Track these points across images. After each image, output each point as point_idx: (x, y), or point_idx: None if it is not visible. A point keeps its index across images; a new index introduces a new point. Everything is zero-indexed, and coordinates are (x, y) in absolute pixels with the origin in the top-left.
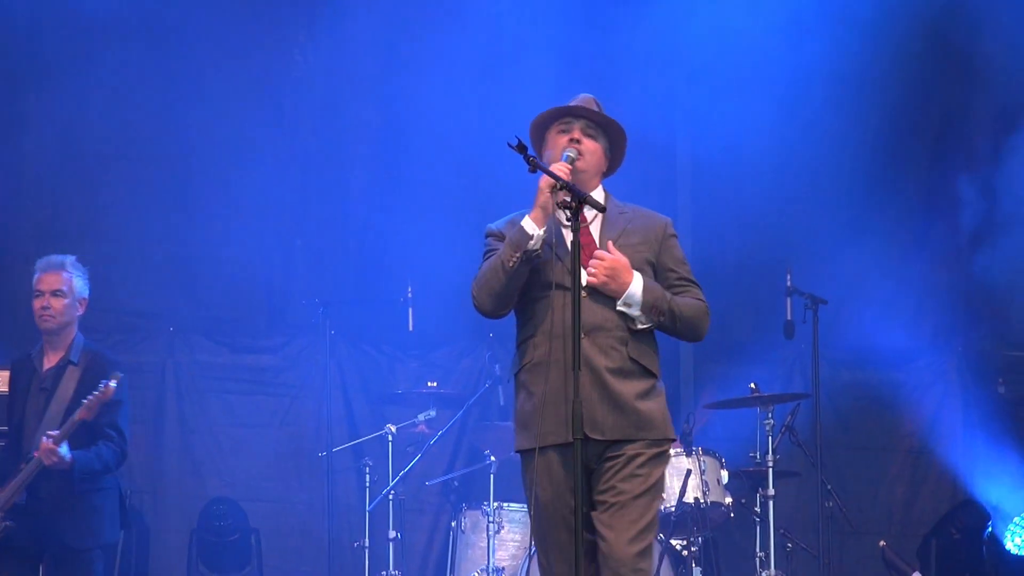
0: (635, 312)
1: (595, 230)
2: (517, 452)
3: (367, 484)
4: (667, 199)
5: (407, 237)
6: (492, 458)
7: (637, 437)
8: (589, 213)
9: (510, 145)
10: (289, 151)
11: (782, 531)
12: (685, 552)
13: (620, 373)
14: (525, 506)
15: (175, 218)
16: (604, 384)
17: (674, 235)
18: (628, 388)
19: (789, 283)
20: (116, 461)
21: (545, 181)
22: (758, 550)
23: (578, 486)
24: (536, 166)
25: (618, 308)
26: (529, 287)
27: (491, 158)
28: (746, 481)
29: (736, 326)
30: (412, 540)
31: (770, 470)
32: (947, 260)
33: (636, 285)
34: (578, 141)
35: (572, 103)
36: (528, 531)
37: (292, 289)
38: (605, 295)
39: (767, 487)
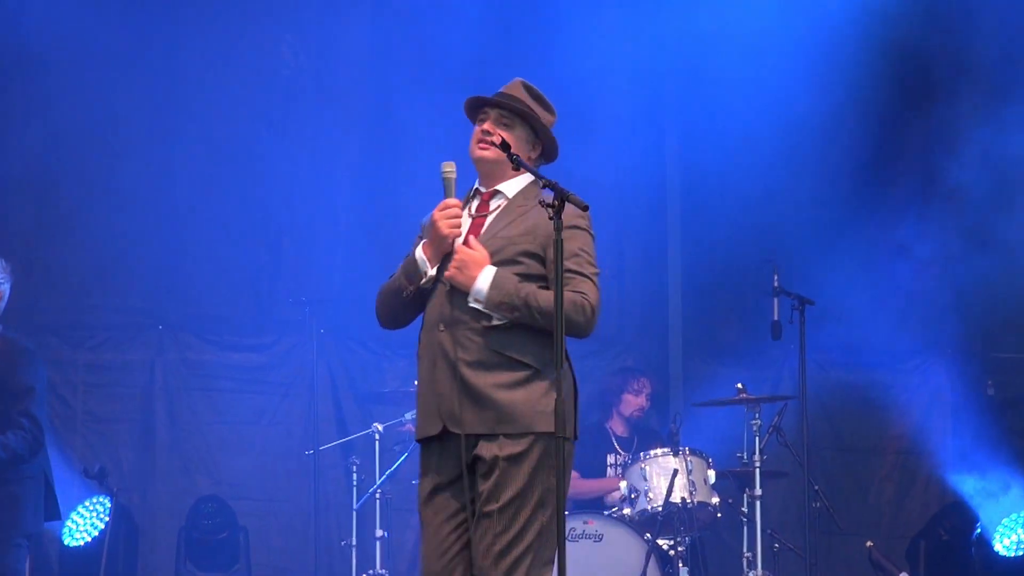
0: (483, 308)
1: (489, 221)
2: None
3: (354, 483)
4: (655, 201)
5: (395, 234)
6: None
7: (498, 431)
8: (494, 204)
9: (493, 144)
10: (275, 150)
11: (769, 531)
12: (672, 552)
13: (479, 365)
14: None
15: (162, 216)
16: (461, 377)
17: (575, 226)
18: (487, 380)
19: (776, 283)
20: (26, 449)
21: (448, 229)
22: (745, 550)
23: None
24: (519, 165)
25: (469, 303)
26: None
27: None
28: (733, 481)
29: (725, 327)
30: (400, 539)
31: (757, 470)
32: (936, 261)
33: (483, 280)
34: (489, 132)
35: (501, 89)
36: None
37: (280, 287)
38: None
39: (754, 487)
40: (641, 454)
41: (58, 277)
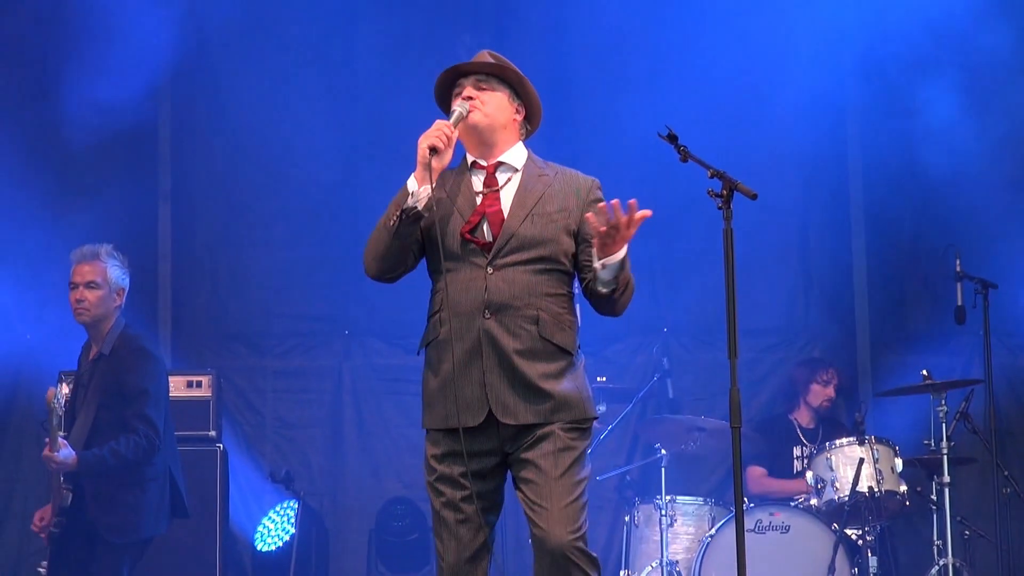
0: (607, 276)
1: (507, 196)
2: (424, 428)
3: None
4: (838, 189)
5: None
6: (663, 451)
7: (553, 420)
8: (503, 177)
9: (660, 135)
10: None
11: (960, 519)
12: (860, 541)
13: (530, 355)
14: (698, 499)
15: (346, 222)
16: (512, 367)
17: (600, 199)
18: (539, 370)
19: (958, 268)
20: (139, 454)
21: (423, 137)
22: (935, 538)
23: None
24: (687, 156)
25: (596, 264)
26: (433, 256)
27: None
28: (921, 469)
29: (912, 314)
30: (592, 536)
31: (945, 457)
32: None
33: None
34: (470, 98)
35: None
36: (702, 524)
37: None
38: (513, 269)
39: (942, 474)
40: (827, 444)
41: (244, 286)
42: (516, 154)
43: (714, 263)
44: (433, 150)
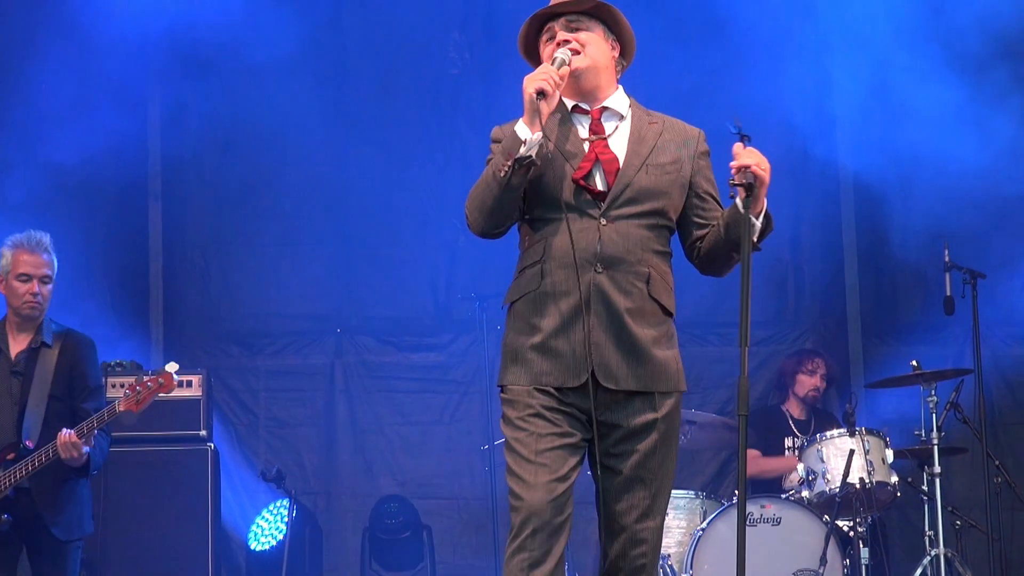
0: (759, 222)
1: (618, 144)
2: (499, 385)
3: None
4: (830, 182)
5: None
6: None
7: (651, 388)
8: (609, 124)
9: (731, 130)
10: (448, 149)
11: (951, 509)
12: (852, 533)
13: (639, 314)
14: (690, 492)
15: (335, 221)
16: (621, 327)
17: (708, 151)
18: (646, 333)
19: (947, 258)
20: (106, 450)
21: (528, 80)
22: (927, 529)
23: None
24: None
25: (754, 218)
26: (536, 204)
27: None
28: (912, 459)
29: (903, 306)
30: (583, 532)
31: (935, 447)
32: None
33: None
34: (566, 41)
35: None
36: (693, 518)
37: (455, 287)
38: (627, 222)
39: (933, 465)
40: (817, 436)
41: (236, 285)
42: (620, 98)
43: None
44: (541, 93)
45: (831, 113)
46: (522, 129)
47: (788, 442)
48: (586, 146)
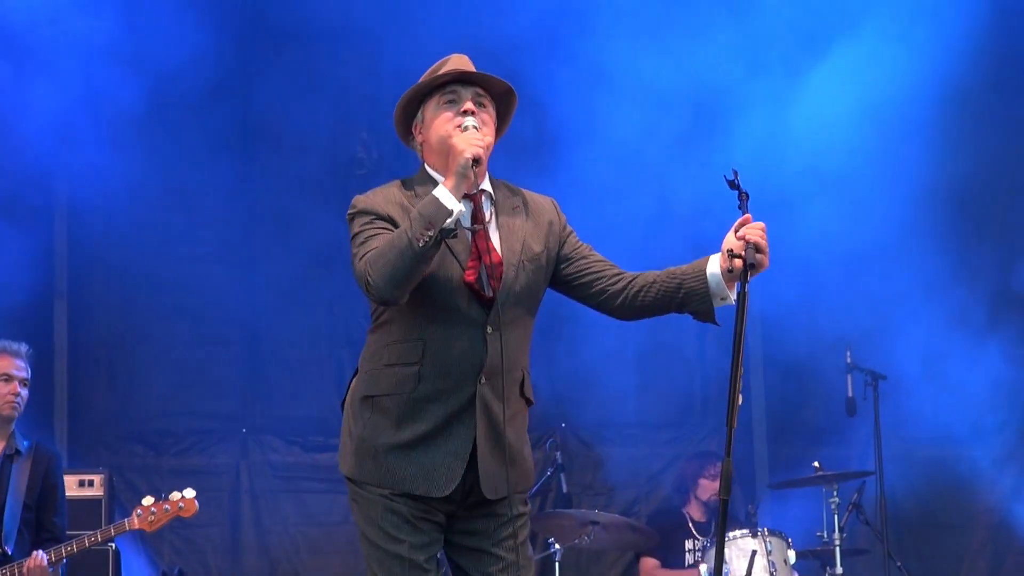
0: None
1: (494, 236)
2: (349, 477)
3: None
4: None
5: None
6: (557, 546)
7: (518, 488)
8: (486, 208)
9: (726, 178)
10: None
11: None
12: None
13: (514, 419)
14: None
15: (241, 321)
16: (499, 436)
17: (565, 219)
18: (519, 436)
19: (849, 360)
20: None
21: (466, 143)
22: None
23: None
24: (744, 207)
25: (724, 302)
26: (422, 296)
27: None
28: (814, 560)
29: (807, 408)
30: None
31: (837, 548)
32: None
33: None
34: (473, 112)
35: (448, 66)
36: None
37: None
38: (508, 328)
39: (835, 566)
40: None
41: (141, 384)
42: (487, 179)
43: (616, 357)
44: (476, 161)
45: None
46: (447, 198)
47: (688, 544)
48: (469, 236)
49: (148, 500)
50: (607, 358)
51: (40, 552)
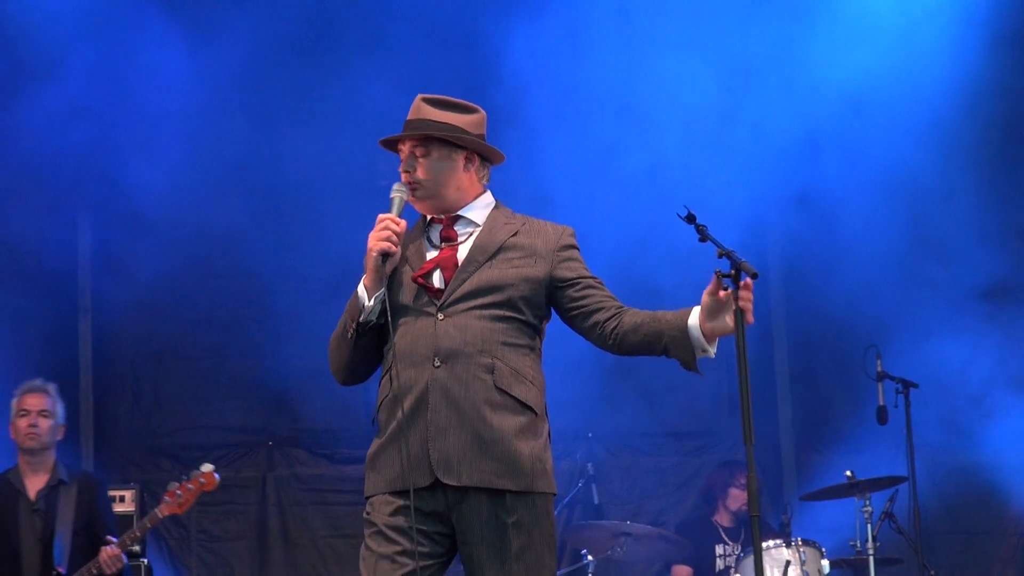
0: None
1: (465, 247)
2: (366, 496)
3: None
4: (758, 294)
5: None
6: (590, 557)
7: (498, 485)
8: (462, 230)
9: (680, 216)
10: None
11: None
12: None
13: (484, 406)
14: None
15: (265, 332)
16: (462, 418)
17: (573, 245)
18: (491, 425)
19: (879, 368)
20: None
21: (373, 240)
22: None
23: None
24: (705, 236)
25: (707, 352)
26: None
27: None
28: (848, 570)
29: (836, 415)
30: None
31: (871, 558)
32: None
33: None
34: (408, 171)
35: (408, 117)
36: None
37: None
38: (465, 315)
39: (868, 575)
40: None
41: (167, 398)
42: (478, 205)
43: (639, 366)
44: (385, 255)
45: (764, 226)
46: (362, 293)
47: (719, 550)
48: (434, 252)
49: (172, 485)
50: (634, 365)
51: (109, 546)
